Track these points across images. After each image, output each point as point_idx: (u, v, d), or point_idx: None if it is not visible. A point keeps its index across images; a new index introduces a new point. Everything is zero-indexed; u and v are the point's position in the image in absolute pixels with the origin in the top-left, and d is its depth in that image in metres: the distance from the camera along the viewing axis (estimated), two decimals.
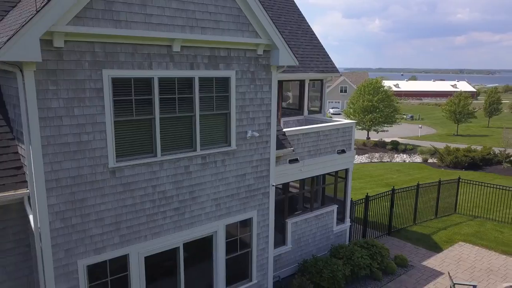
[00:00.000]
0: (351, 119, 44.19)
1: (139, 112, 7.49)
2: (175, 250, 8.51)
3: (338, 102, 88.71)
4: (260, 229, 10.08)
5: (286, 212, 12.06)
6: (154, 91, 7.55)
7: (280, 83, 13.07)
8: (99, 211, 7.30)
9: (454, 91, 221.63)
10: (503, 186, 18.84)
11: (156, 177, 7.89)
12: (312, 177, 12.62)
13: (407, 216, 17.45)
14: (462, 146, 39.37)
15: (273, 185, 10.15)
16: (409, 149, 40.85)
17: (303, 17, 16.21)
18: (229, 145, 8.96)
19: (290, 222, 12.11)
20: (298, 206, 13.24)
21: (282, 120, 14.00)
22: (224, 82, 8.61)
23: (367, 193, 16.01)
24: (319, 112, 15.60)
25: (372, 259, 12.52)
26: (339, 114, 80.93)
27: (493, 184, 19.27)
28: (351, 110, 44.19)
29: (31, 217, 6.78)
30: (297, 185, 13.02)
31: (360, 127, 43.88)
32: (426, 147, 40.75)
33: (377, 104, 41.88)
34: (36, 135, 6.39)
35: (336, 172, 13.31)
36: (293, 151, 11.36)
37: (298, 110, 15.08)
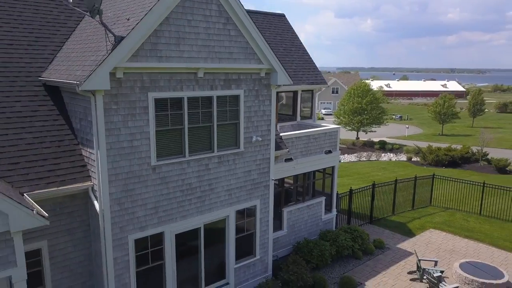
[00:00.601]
0: (341, 120, 46.75)
1: (173, 124, 9.91)
2: (197, 230, 10.94)
3: (330, 103, 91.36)
4: (262, 215, 12.54)
5: (282, 202, 14.53)
6: (184, 107, 9.97)
7: (277, 93, 15.48)
8: (143, 198, 9.70)
9: (444, 91, 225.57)
10: (472, 181, 21.53)
11: (184, 173, 10.32)
12: (304, 173, 15.10)
13: (387, 207, 20.03)
14: (445, 145, 42.14)
15: (273, 180, 12.61)
16: (395, 149, 43.51)
17: (296, 35, 18.67)
18: (239, 148, 11.40)
19: (285, 211, 14.58)
20: (292, 198, 15.68)
21: (279, 125, 16.36)
22: (235, 99, 11.05)
23: (351, 187, 18.53)
24: (310, 117, 18.00)
25: (354, 242, 15.05)
26: (330, 114, 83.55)
27: (464, 180, 21.96)
28: (342, 112, 46.75)
29: (95, 203, 9.16)
30: (291, 181, 15.47)
31: (350, 128, 46.45)
32: (412, 147, 43.44)
33: (365, 107, 44.50)
34: (102, 142, 8.78)
35: (324, 169, 15.81)
36: (288, 151, 13.84)
37: (292, 116, 17.46)
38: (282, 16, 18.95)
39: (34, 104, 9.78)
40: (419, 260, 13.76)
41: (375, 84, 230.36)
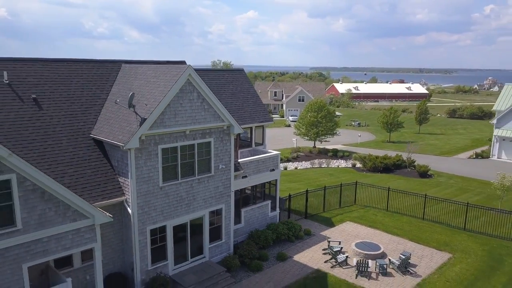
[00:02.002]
0: (300, 131, 54.35)
1: (172, 161, 17.00)
2: (186, 224, 18.05)
3: (297, 110, 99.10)
4: (226, 214, 19.76)
5: (240, 204, 21.78)
6: (178, 151, 17.08)
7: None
8: (155, 205, 16.74)
9: (408, 93, 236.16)
10: (381, 186, 29.34)
11: (178, 189, 17.42)
12: (256, 185, 22.38)
13: (320, 206, 27.59)
14: (389, 152, 50.47)
15: (233, 191, 19.83)
16: (345, 156, 51.44)
17: (251, 85, 25.98)
18: (211, 173, 18.56)
19: (243, 211, 21.83)
20: (250, 201, 22.91)
21: (239, 150, 23.54)
22: (208, 143, 18.21)
23: (290, 193, 26.00)
24: (262, 144, 25.23)
25: (289, 230, 22.47)
26: (296, 121, 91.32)
27: (377, 186, 29.78)
28: (301, 124, 54.31)
29: (128, 209, 16.15)
30: (249, 190, 22.68)
31: (308, 138, 54.14)
32: (360, 154, 51.51)
33: (320, 120, 52.23)
34: (133, 174, 15.79)
35: (269, 181, 23.16)
36: (244, 172, 21.09)
37: (249, 143, 24.66)
38: (241, 70, 26.24)
39: (89, 151, 16.68)
40: (329, 241, 21.31)
41: (344, 87, 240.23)
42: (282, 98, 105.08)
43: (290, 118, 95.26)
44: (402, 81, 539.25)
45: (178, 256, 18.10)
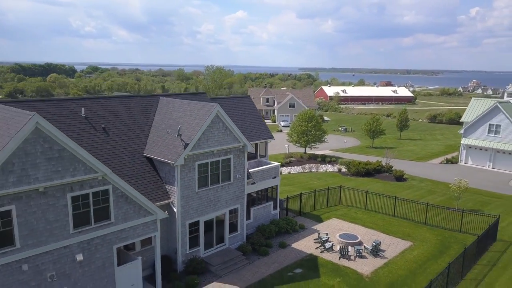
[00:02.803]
0: (292, 139, 60.66)
1: (204, 173, 23.14)
2: (213, 219, 24.23)
3: (288, 116, 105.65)
4: (241, 212, 25.97)
5: (250, 204, 27.97)
6: (208, 166, 23.23)
7: None
8: (192, 205, 22.88)
9: (394, 96, 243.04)
10: (360, 189, 35.75)
11: (208, 194, 23.58)
12: (261, 189, 28.58)
13: (311, 206, 33.91)
14: (371, 157, 57.09)
15: (246, 194, 26.03)
16: (333, 161, 57.90)
17: (255, 107, 32.18)
18: (230, 181, 24.76)
19: (252, 209, 28.02)
20: (256, 202, 29.07)
21: (247, 162, 29.75)
22: (229, 159, 24.40)
23: (287, 195, 32.28)
24: (265, 156, 31.39)
25: (287, 225, 28.74)
26: (288, 126, 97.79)
27: (358, 189, 36.20)
28: (293, 132, 60.60)
29: (174, 208, 22.25)
30: (255, 193, 28.82)
31: (299, 145, 60.49)
32: (346, 159, 57.99)
33: (310, 129, 58.60)
34: (178, 183, 21.91)
35: (272, 186, 29.40)
36: (253, 179, 27.29)
37: (255, 155, 30.80)
38: (248, 97, 32.53)
39: (143, 166, 22.73)
40: (318, 233, 27.65)
41: (332, 90, 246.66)
42: (274, 104, 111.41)
43: (282, 123, 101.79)
44: (389, 83, 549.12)
45: (207, 244, 24.26)
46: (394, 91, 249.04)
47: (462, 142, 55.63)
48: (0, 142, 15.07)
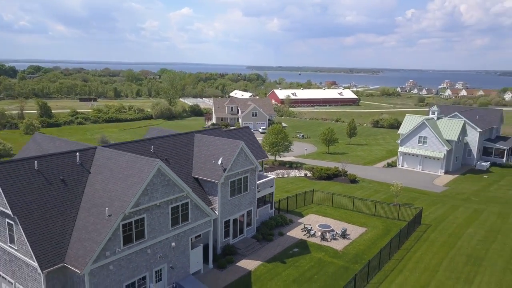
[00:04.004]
0: (265, 149, 72.66)
1: (232, 187, 34.47)
2: (237, 218, 35.64)
3: (251, 123, 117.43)
4: (253, 212, 37.58)
5: (256, 206, 39.63)
6: (235, 182, 34.62)
7: None
8: (227, 209, 34.15)
9: (340, 98, 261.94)
10: (327, 191, 48.48)
11: (235, 201, 34.93)
12: (263, 195, 40.29)
13: (294, 205, 46.04)
14: (327, 162, 70.30)
15: (256, 199, 37.63)
16: (298, 166, 70.55)
17: (253, 134, 43.74)
18: (248, 191, 36.28)
19: (258, 210, 39.67)
20: (260, 204, 40.59)
21: None
22: (247, 177, 35.88)
23: (279, 199, 44.20)
24: (261, 170, 43.00)
25: (281, 220, 40.74)
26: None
27: (327, 191, 48.89)
28: (266, 143, 72.49)
29: (216, 211, 33.40)
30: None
31: (270, 153, 72.58)
32: (308, 165, 70.86)
33: (278, 141, 70.87)
34: (219, 194, 33.11)
35: (269, 193, 41.21)
36: (259, 188, 38.93)
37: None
38: (247, 127, 44.05)
39: (193, 184, 33.61)
40: (304, 224, 39.89)
41: (283, 93, 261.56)
42: (238, 112, 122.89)
43: None
44: (334, 83, 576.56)
45: (234, 235, 35.61)
46: (340, 94, 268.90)
47: (399, 150, 70.46)
48: (137, 178, 25.62)
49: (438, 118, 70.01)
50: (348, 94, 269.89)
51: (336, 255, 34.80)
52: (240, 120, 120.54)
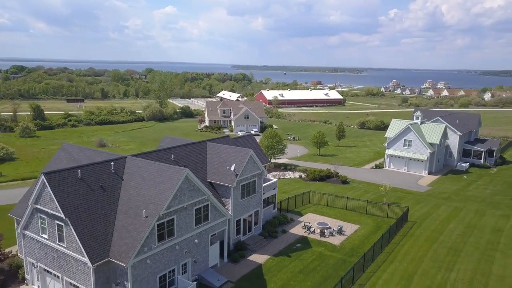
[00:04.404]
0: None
1: (243, 190, 38.83)
2: (246, 217, 39.99)
3: (244, 126, 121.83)
4: (259, 212, 41.98)
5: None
6: (245, 185, 38.99)
7: None
8: (238, 209, 38.46)
9: (326, 99, 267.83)
10: (322, 192, 53.21)
11: (244, 202, 39.28)
12: (267, 197, 44.70)
13: (293, 205, 50.58)
14: (319, 164, 75.03)
15: (262, 200, 42.05)
16: (292, 168, 75.18)
17: (256, 141, 48.09)
18: (255, 193, 40.68)
19: (263, 210, 44.09)
20: (264, 205, 44.98)
21: None
22: (254, 181, 40.26)
23: (280, 200, 48.68)
24: (266, 175, 47.39)
25: (284, 219, 45.25)
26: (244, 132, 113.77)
27: (321, 192, 53.60)
28: (261, 146, 76.85)
29: (229, 212, 37.70)
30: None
31: (266, 156, 76.94)
32: (302, 167, 75.51)
33: (273, 144, 75.34)
34: (232, 197, 37.42)
35: (273, 194, 45.66)
36: (264, 191, 43.36)
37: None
38: (251, 134, 48.31)
39: (210, 188, 37.80)
40: (304, 222, 44.46)
41: (271, 94, 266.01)
42: (230, 115, 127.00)
43: (239, 133, 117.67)
44: (319, 82, 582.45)
45: (243, 232, 39.94)
46: (326, 94, 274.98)
47: (386, 152, 75.70)
48: (168, 184, 29.75)
49: (421, 123, 75.45)
50: (334, 94, 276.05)
51: (335, 249, 39.44)
52: (232, 123, 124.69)
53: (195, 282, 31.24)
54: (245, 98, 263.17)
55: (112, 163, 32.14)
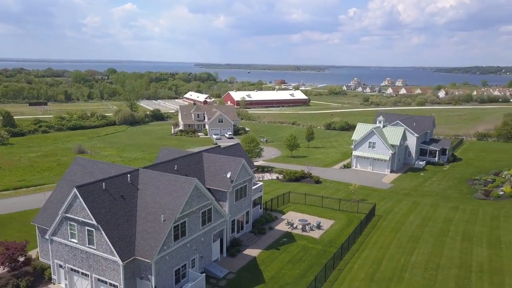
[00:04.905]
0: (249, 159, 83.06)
1: (237, 193, 44.92)
2: (238, 218, 46.11)
3: (218, 129, 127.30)
4: (250, 212, 48.19)
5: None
6: (239, 189, 45.05)
7: None
8: (233, 210, 44.49)
9: (292, 99, 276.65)
10: (301, 192, 60.09)
11: (238, 204, 45.37)
12: (256, 199, 50.95)
13: (276, 204, 57.08)
14: (293, 165, 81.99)
15: (251, 202, 48.27)
16: (269, 170, 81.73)
17: (242, 149, 54.18)
18: (246, 196, 46.83)
19: (251, 210, 50.32)
20: (252, 206, 51.16)
21: None
22: (246, 185, 46.39)
23: (265, 201, 55.04)
24: (254, 180, 53.58)
25: (269, 217, 51.70)
26: (220, 139, 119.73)
27: (298, 192, 60.45)
28: None
29: (226, 211, 43.65)
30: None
31: None
32: (277, 168, 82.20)
33: (251, 148, 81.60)
34: (228, 200, 43.41)
35: (259, 196, 51.96)
36: (253, 193, 49.60)
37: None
38: (238, 143, 54.38)
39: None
40: (287, 220, 51.09)
41: (239, 95, 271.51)
42: (204, 119, 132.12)
43: (214, 136, 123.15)
44: (283, 82, 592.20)
45: (237, 230, 46.01)
46: (292, 95, 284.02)
47: (353, 153, 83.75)
48: (181, 192, 35.39)
49: (383, 126, 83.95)
50: (299, 95, 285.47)
51: (316, 242, 46.23)
52: (207, 127, 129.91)
53: (204, 274, 37.06)
54: (213, 99, 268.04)
55: (128, 175, 37.35)
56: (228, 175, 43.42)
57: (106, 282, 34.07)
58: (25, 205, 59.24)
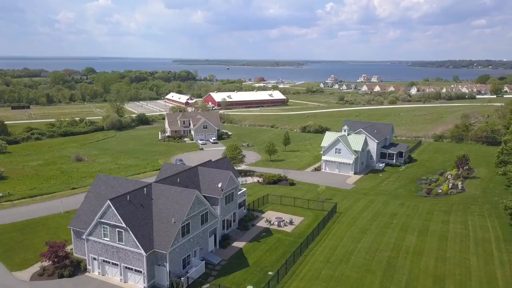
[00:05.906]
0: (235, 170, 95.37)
1: (226, 199, 57.40)
2: (228, 217, 58.66)
3: (203, 135, 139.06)
4: (236, 212, 60.73)
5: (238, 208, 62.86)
6: (228, 196, 57.53)
7: None
8: (223, 212, 56.96)
9: (271, 99, 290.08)
10: (277, 194, 72.98)
11: (227, 206, 57.85)
12: (240, 201, 63.48)
13: (257, 205, 69.72)
14: (272, 169, 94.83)
15: (237, 204, 60.79)
16: (251, 174, 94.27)
17: (229, 161, 66.59)
18: (234, 201, 59.34)
19: (237, 211, 62.81)
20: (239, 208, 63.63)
21: None
22: (233, 192, 58.87)
23: (248, 203, 67.63)
24: (239, 187, 66.01)
25: (252, 216, 64.40)
26: (205, 144, 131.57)
27: (273, 194, 73.31)
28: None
29: (218, 212, 56.04)
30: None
31: None
32: (258, 172, 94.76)
33: (235, 155, 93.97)
34: (220, 204, 55.88)
35: (243, 199, 64.54)
36: (238, 197, 62.14)
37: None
38: (226, 158, 66.75)
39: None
40: (266, 218, 63.91)
41: (220, 96, 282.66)
42: (190, 125, 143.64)
43: (200, 142, 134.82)
44: (262, 79, 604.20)
45: (226, 228, 58.53)
46: (270, 95, 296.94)
47: (322, 158, 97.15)
48: (186, 201, 47.62)
49: (348, 134, 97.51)
50: (277, 95, 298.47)
51: (288, 235, 59.11)
52: (192, 132, 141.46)
53: (203, 261, 49.44)
54: (195, 100, 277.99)
55: (144, 189, 49.36)
56: (219, 185, 55.81)
57: (132, 269, 46.12)
58: (44, 212, 69.88)
